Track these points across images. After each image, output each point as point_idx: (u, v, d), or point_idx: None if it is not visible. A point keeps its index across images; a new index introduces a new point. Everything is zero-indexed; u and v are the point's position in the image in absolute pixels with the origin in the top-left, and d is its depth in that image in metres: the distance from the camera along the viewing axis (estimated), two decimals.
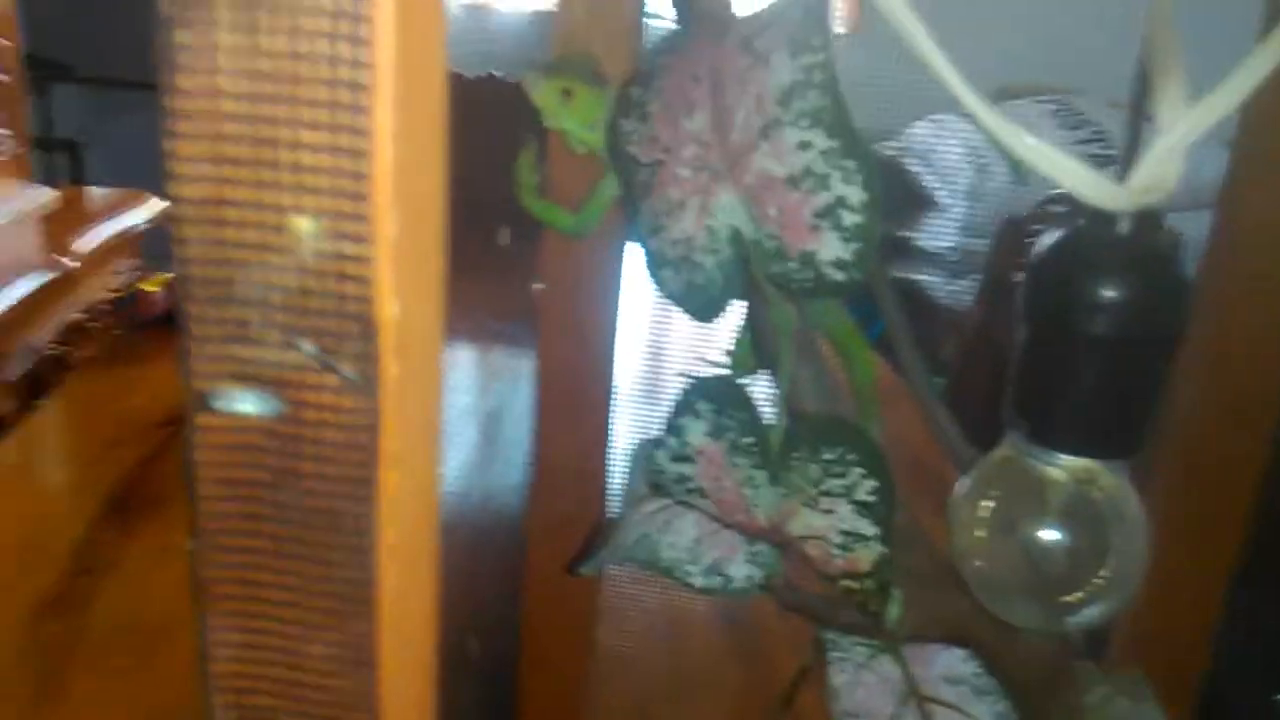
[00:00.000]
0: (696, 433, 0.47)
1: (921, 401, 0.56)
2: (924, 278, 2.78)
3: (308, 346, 0.23)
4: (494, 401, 1.22)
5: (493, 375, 1.30)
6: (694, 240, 0.45)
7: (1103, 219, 0.40)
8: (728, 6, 0.47)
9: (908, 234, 2.84)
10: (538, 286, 0.66)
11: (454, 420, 1.13)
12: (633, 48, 0.56)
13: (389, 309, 0.22)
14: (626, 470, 0.51)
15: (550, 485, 0.65)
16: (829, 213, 0.42)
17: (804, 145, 0.42)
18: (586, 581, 0.60)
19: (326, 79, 0.21)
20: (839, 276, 0.43)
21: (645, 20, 0.56)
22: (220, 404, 0.23)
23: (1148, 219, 0.40)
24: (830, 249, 0.42)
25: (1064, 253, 0.41)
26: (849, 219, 0.42)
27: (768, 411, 0.47)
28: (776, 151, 0.42)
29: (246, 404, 0.23)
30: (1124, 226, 0.40)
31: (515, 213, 0.58)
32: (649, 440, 0.49)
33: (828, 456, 0.44)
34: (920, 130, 2.80)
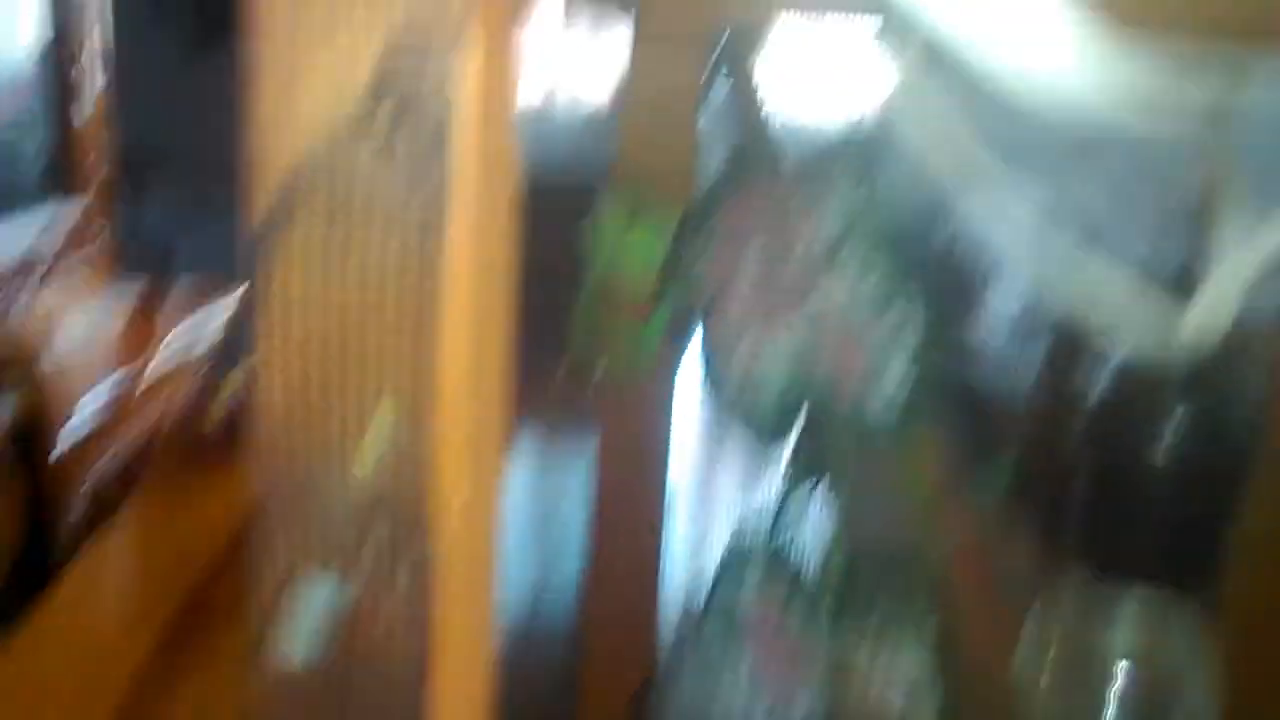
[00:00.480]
0: (746, 588, 0.47)
1: (987, 525, 0.55)
2: (984, 360, 2.75)
3: (371, 546, 0.23)
4: (550, 508, 1.22)
5: (548, 481, 1.31)
6: (752, 370, 0.46)
7: (1162, 347, 0.40)
8: (783, 146, 0.48)
9: (965, 316, 2.82)
10: (595, 383, 0.66)
11: (510, 526, 1.13)
12: (691, 178, 0.57)
13: (454, 500, 0.23)
14: (676, 625, 0.50)
15: (604, 613, 0.64)
16: (886, 348, 0.42)
17: (859, 281, 0.42)
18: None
19: (403, 282, 0.22)
20: (897, 410, 0.43)
21: (702, 150, 0.57)
22: (284, 642, 0.23)
23: (1211, 352, 0.40)
24: (888, 383, 0.43)
25: (1122, 384, 0.41)
26: (906, 354, 0.42)
27: (823, 543, 0.47)
28: (832, 286, 0.43)
29: (310, 628, 0.23)
30: (1184, 356, 0.40)
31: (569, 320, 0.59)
32: (698, 596, 0.49)
33: (885, 602, 0.43)
34: (975, 210, 2.80)
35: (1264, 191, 0.38)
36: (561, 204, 0.58)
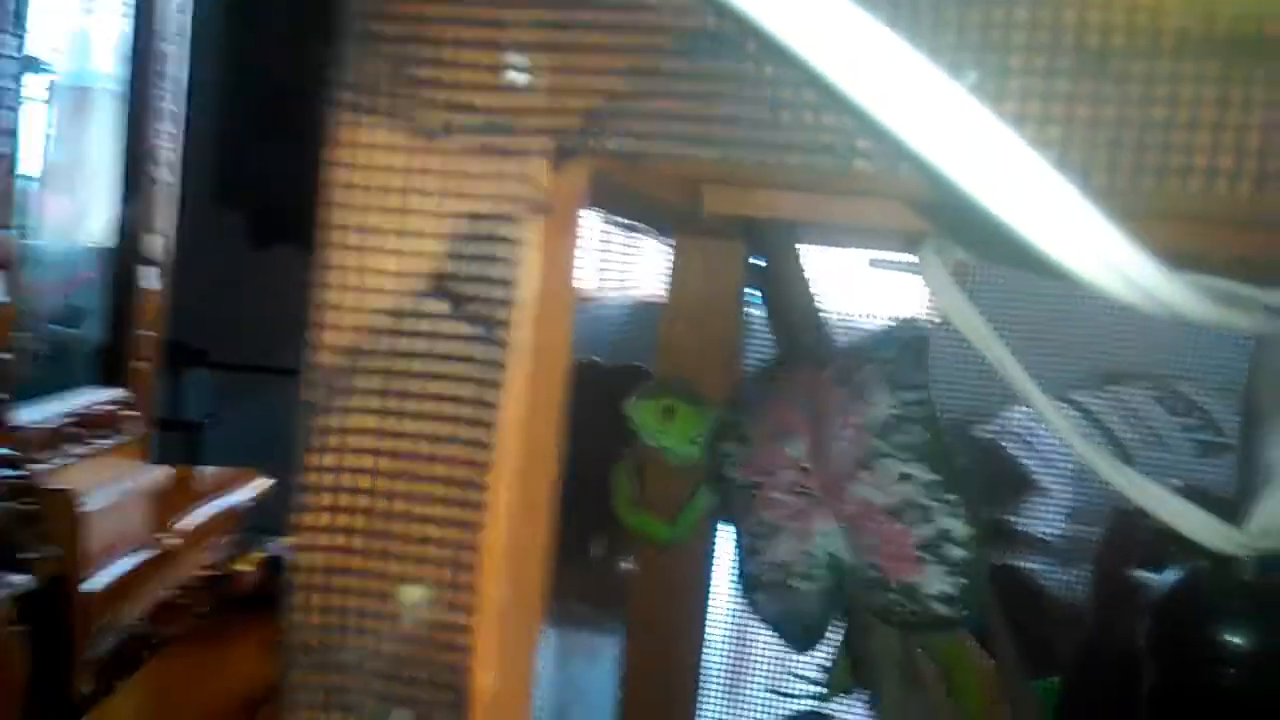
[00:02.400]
0: None
1: None
2: (1031, 564, 2.66)
3: (401, 715, 0.22)
4: (572, 693, 1.17)
5: (572, 663, 1.27)
6: (792, 566, 0.45)
7: (1224, 561, 0.39)
8: (827, 339, 0.49)
9: (1010, 518, 2.75)
10: (627, 566, 0.65)
11: (539, 711, 1.08)
12: (734, 367, 0.58)
13: (484, 679, 0.22)
14: None
15: None
16: (932, 546, 0.41)
17: (905, 477, 0.41)
18: None
19: (452, 458, 0.22)
20: (945, 611, 0.41)
21: (746, 342, 0.58)
22: None
23: (1274, 562, 0.38)
24: (935, 583, 0.41)
25: (1186, 598, 0.39)
26: (954, 553, 0.41)
27: None
28: (877, 482, 0.42)
29: None
30: (1248, 570, 0.38)
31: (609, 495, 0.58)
32: None
33: None
34: (1018, 414, 2.78)
35: None
36: (609, 384, 0.58)
